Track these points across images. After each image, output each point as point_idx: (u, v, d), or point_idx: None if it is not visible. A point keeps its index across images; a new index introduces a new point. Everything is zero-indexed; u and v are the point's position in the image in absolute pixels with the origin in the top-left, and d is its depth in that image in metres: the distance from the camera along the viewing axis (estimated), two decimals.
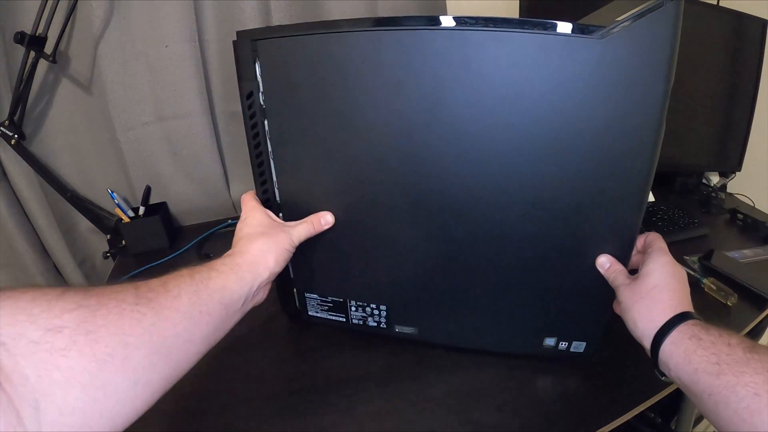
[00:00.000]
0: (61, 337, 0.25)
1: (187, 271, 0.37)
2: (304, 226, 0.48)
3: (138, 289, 0.32)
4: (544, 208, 0.44)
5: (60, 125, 0.82)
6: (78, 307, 0.27)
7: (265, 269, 0.42)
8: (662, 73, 0.36)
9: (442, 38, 0.39)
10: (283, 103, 0.46)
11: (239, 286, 0.39)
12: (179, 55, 0.78)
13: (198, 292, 0.35)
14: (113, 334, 0.28)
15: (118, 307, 0.29)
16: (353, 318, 0.58)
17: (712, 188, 1.04)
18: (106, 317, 0.28)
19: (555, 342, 0.53)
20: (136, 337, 0.29)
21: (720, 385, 0.31)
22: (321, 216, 0.49)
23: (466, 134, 0.42)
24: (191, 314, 0.34)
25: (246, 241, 0.43)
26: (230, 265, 0.40)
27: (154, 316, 0.31)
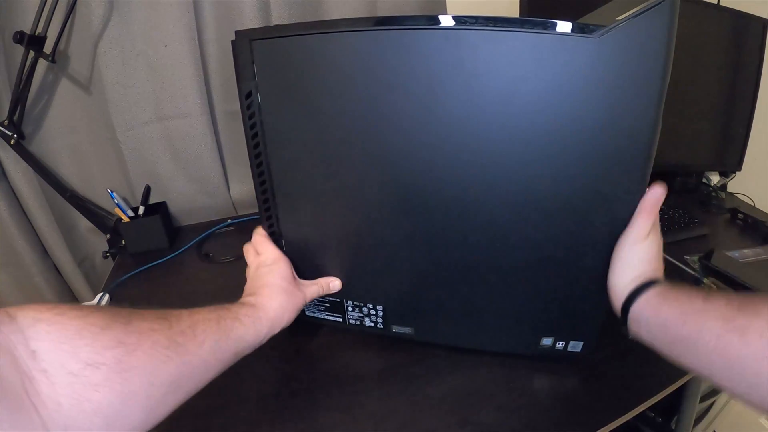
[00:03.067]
0: (98, 374, 0.28)
1: (215, 314, 0.40)
2: (316, 288, 0.53)
3: (171, 329, 0.35)
4: (541, 208, 0.43)
5: (60, 125, 0.82)
6: (118, 345, 0.30)
7: (279, 325, 0.47)
8: (659, 71, 0.36)
9: (441, 38, 0.39)
10: (282, 103, 0.46)
11: (254, 338, 0.43)
12: (179, 55, 0.78)
13: (219, 341, 0.39)
14: (142, 376, 0.31)
15: (152, 349, 0.32)
16: (350, 318, 0.58)
17: (712, 188, 1.04)
18: (140, 359, 0.31)
19: (552, 342, 0.53)
20: (161, 379, 0.33)
21: (685, 332, 0.35)
22: (330, 281, 0.54)
23: (464, 133, 0.42)
24: (208, 360, 0.38)
25: (268, 294, 0.47)
26: (253, 318, 0.43)
27: (179, 360, 0.34)
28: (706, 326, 0.33)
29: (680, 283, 0.38)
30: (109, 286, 0.72)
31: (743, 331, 0.31)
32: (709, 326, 0.33)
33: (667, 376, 0.54)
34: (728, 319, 0.32)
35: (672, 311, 0.36)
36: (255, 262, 0.52)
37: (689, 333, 0.34)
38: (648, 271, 0.41)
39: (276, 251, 0.52)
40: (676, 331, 0.35)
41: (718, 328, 0.32)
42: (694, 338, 0.34)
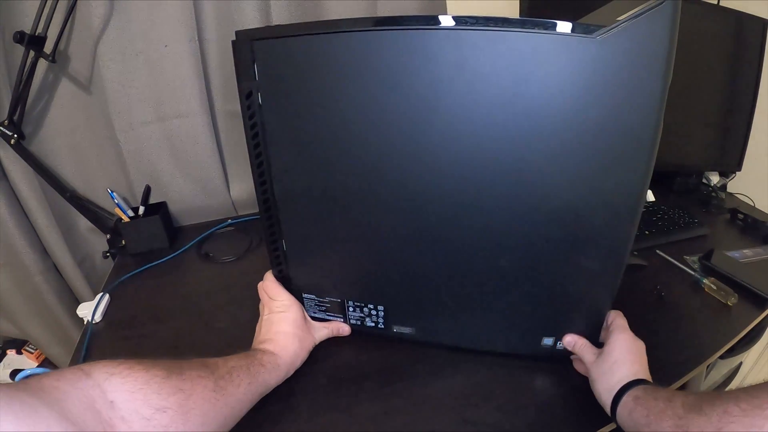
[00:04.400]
0: (166, 417, 0.34)
1: (245, 362, 0.46)
2: (326, 332, 0.58)
3: (214, 375, 0.41)
4: (542, 207, 0.44)
5: (60, 125, 0.82)
6: (178, 392, 0.36)
7: (293, 368, 0.52)
8: (660, 72, 0.36)
9: (441, 38, 0.39)
10: (282, 103, 0.46)
11: (275, 381, 0.50)
12: (179, 55, 0.78)
13: (251, 384, 0.45)
14: (198, 416, 0.37)
15: (204, 393, 0.39)
16: (351, 318, 0.58)
17: (712, 188, 1.04)
18: (196, 402, 0.38)
19: (553, 342, 0.53)
20: (212, 417, 0.39)
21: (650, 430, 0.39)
22: (340, 327, 0.59)
23: (464, 134, 0.42)
24: (243, 399, 0.44)
25: (284, 342, 0.52)
26: (274, 365, 0.49)
27: (223, 401, 0.41)
28: (662, 425, 0.38)
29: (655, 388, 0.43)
30: (109, 286, 0.72)
31: (687, 427, 0.35)
32: (664, 425, 0.38)
33: (666, 376, 0.54)
34: (679, 417, 0.37)
35: (640, 413, 0.41)
36: (268, 307, 0.55)
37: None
38: (623, 376, 0.45)
39: (288, 297, 0.56)
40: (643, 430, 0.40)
41: (671, 426, 0.37)
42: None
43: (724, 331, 0.62)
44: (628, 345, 0.48)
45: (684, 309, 0.66)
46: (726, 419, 0.33)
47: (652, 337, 0.49)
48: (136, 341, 0.61)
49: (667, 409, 0.38)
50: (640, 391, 0.43)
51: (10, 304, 0.90)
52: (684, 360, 0.56)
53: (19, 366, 0.90)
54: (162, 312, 0.67)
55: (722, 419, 0.33)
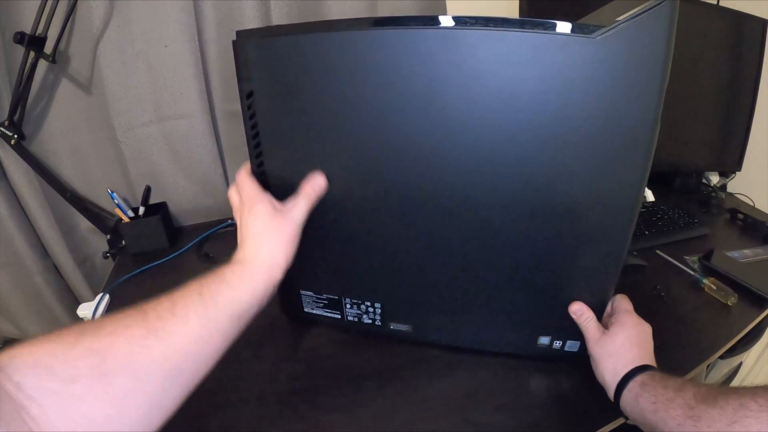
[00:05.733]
0: (79, 387, 0.28)
1: (196, 286, 0.37)
2: (302, 203, 0.45)
3: (146, 317, 0.33)
4: (539, 207, 0.44)
5: (60, 125, 0.82)
6: (90, 354, 0.30)
7: (279, 269, 0.42)
8: (658, 72, 0.36)
9: (440, 38, 0.39)
10: (282, 103, 0.46)
11: (251, 296, 0.39)
12: (179, 55, 0.78)
13: (207, 311, 0.36)
14: (124, 374, 0.30)
15: (128, 344, 0.31)
16: (348, 315, 0.58)
17: (712, 188, 1.04)
18: (116, 358, 0.30)
19: (549, 341, 0.53)
20: (147, 371, 0.31)
21: (656, 419, 0.39)
22: (313, 183, 0.46)
23: (463, 133, 0.42)
24: (200, 335, 0.35)
25: (255, 243, 0.42)
26: (241, 275, 0.39)
27: (162, 345, 0.32)
28: (671, 414, 0.37)
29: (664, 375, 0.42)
30: (110, 287, 0.72)
31: (698, 419, 0.35)
32: (673, 414, 0.37)
33: None
34: (690, 407, 0.36)
35: (647, 400, 0.40)
36: (239, 210, 0.46)
37: (657, 420, 0.39)
38: (628, 360, 0.45)
39: (254, 189, 0.45)
40: (650, 417, 0.40)
41: (680, 416, 0.36)
42: (661, 426, 0.38)
43: (724, 331, 0.62)
44: (636, 328, 0.47)
45: (684, 309, 0.66)
46: (741, 413, 0.32)
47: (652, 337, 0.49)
48: None
49: (676, 398, 0.38)
50: (647, 378, 0.42)
51: (10, 304, 0.90)
52: (684, 360, 0.56)
53: None
54: None
55: (737, 412, 0.32)
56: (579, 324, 0.49)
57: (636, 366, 0.44)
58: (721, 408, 0.34)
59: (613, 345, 0.46)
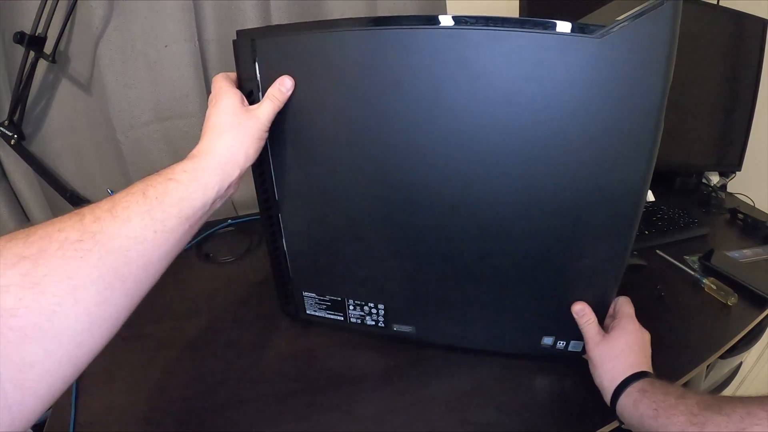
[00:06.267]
0: (9, 297, 0.25)
1: (140, 186, 0.33)
2: (267, 104, 0.43)
3: (83, 220, 0.30)
4: (542, 207, 0.44)
5: (60, 125, 0.81)
6: (20, 260, 0.26)
7: (234, 167, 0.39)
8: (660, 72, 0.36)
9: (441, 37, 0.39)
10: None
11: (202, 194, 0.36)
12: (179, 55, 0.78)
13: (151, 211, 0.32)
14: (58, 282, 0.27)
15: (61, 249, 0.27)
16: (351, 317, 0.58)
17: (712, 188, 1.04)
18: (49, 264, 0.27)
19: (553, 341, 0.53)
20: (84, 277, 0.28)
21: (657, 425, 0.39)
22: (280, 84, 0.43)
23: (465, 133, 0.42)
24: (144, 237, 0.31)
25: (213, 136, 0.40)
26: (193, 172, 0.36)
27: (100, 249, 0.29)
28: (673, 420, 0.37)
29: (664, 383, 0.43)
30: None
31: (703, 425, 0.35)
32: (675, 420, 0.37)
33: (667, 375, 0.53)
34: (693, 414, 0.36)
35: (648, 406, 0.40)
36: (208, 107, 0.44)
37: (658, 426, 0.39)
38: (627, 366, 0.45)
39: (225, 85, 0.43)
40: (650, 423, 0.40)
41: (683, 422, 0.36)
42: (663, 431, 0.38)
43: (724, 331, 0.62)
44: (636, 335, 0.47)
45: (684, 309, 0.66)
46: (749, 421, 0.32)
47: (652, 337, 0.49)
48: (136, 341, 0.61)
49: (679, 405, 0.38)
50: (647, 384, 0.43)
51: None
52: (684, 360, 0.56)
53: None
54: (162, 312, 0.67)
55: (745, 420, 0.32)
56: (579, 325, 0.49)
57: (635, 372, 0.44)
58: (727, 415, 0.34)
59: (614, 350, 0.47)
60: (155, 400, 0.52)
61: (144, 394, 0.53)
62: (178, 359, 0.58)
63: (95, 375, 0.55)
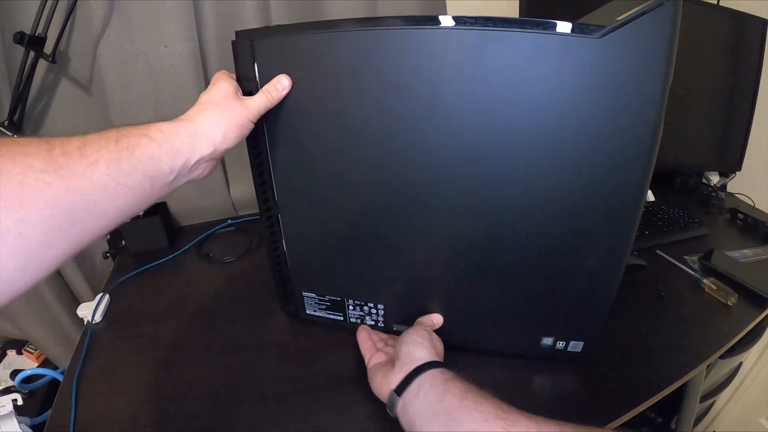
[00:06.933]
0: None
1: (114, 133, 0.32)
2: (261, 96, 0.43)
3: (51, 150, 0.28)
4: (542, 208, 0.44)
5: (60, 125, 0.81)
6: None
7: (208, 143, 0.38)
8: (661, 72, 0.36)
9: (441, 38, 0.39)
10: (282, 103, 0.46)
11: (171, 157, 0.35)
12: (179, 55, 0.78)
13: (119, 160, 0.31)
14: (9, 208, 0.25)
15: (22, 174, 0.26)
16: (351, 317, 0.58)
17: (712, 188, 1.04)
18: (6, 186, 0.25)
19: (552, 342, 0.53)
20: (36, 211, 0.26)
21: (461, 405, 0.38)
22: (276, 81, 0.44)
23: (464, 134, 0.42)
24: (106, 185, 0.30)
25: (198, 110, 0.39)
26: (167, 133, 0.35)
27: (61, 186, 0.27)
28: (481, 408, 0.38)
29: None
30: (110, 287, 0.72)
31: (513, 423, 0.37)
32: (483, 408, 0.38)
33: (667, 375, 0.54)
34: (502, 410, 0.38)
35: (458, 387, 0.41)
36: None
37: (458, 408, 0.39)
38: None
39: (221, 75, 0.44)
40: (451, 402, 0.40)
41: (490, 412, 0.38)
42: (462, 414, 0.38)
43: (724, 331, 0.62)
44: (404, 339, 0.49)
45: (684, 309, 0.66)
46: None
47: (652, 337, 0.49)
48: (136, 341, 0.61)
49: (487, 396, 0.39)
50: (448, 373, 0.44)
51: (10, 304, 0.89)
52: (684, 360, 0.56)
53: (20, 366, 0.90)
54: (162, 312, 0.67)
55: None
56: None
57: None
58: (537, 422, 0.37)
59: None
60: (155, 400, 0.52)
61: (144, 394, 0.53)
62: (178, 359, 0.58)
63: (95, 375, 0.55)
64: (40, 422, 0.57)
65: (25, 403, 0.68)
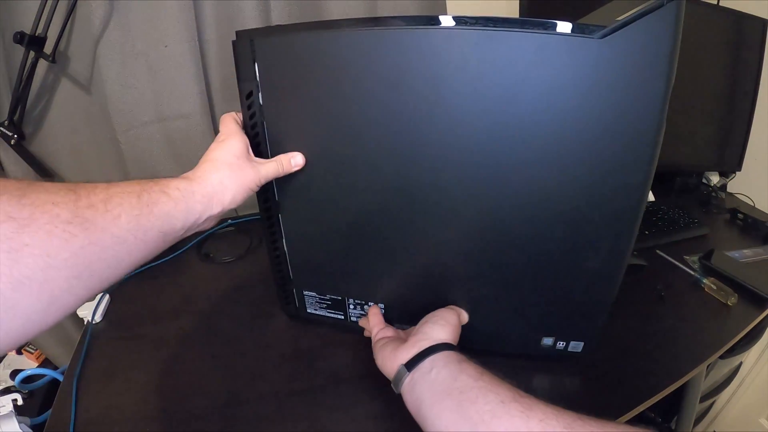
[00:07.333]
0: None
1: (136, 187, 0.34)
2: (273, 165, 0.45)
3: (78, 201, 0.29)
4: (543, 208, 0.44)
5: (60, 125, 0.81)
6: (7, 220, 0.25)
7: (218, 204, 0.40)
8: (663, 73, 0.36)
9: (441, 38, 0.39)
10: (282, 103, 0.46)
11: (185, 215, 0.37)
12: (179, 55, 0.78)
13: (140, 216, 0.33)
14: (36, 256, 0.26)
15: (50, 224, 0.27)
16: (351, 315, 0.58)
17: (712, 188, 1.04)
18: (34, 235, 0.26)
19: (553, 342, 0.53)
20: (61, 260, 0.27)
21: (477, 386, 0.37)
22: (291, 156, 0.47)
23: (465, 134, 0.42)
24: (126, 239, 0.32)
25: (210, 168, 0.41)
26: (184, 192, 0.37)
27: (85, 238, 0.29)
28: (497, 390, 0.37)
29: None
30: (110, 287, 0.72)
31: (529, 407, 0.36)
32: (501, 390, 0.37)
33: (667, 375, 0.54)
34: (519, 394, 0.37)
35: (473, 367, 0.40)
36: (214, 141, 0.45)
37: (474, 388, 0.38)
38: None
39: (233, 127, 0.45)
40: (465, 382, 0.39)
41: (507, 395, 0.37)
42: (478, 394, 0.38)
43: (724, 331, 0.62)
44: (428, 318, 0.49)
45: (684, 309, 0.66)
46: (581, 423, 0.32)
47: (652, 337, 0.49)
48: (136, 341, 0.61)
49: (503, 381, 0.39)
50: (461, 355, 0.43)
51: None
52: (684, 360, 0.56)
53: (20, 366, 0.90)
54: (162, 312, 0.67)
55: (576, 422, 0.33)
56: None
57: None
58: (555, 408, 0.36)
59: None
60: (155, 400, 0.52)
61: (144, 394, 0.53)
62: (178, 359, 0.58)
63: (95, 375, 0.55)
64: (40, 422, 0.57)
65: (25, 403, 0.68)
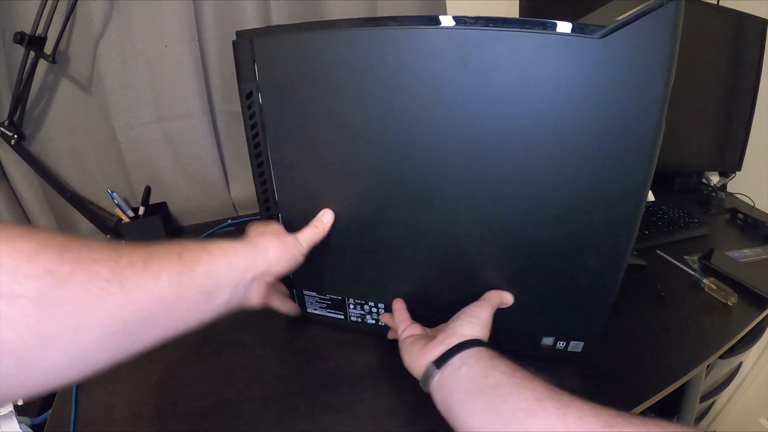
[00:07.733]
0: (15, 307, 0.24)
1: (176, 247, 0.34)
2: (309, 230, 0.47)
3: (118, 259, 0.29)
4: (543, 208, 0.43)
5: (60, 125, 0.82)
6: (45, 275, 0.25)
7: (263, 261, 0.40)
8: (662, 73, 0.36)
9: (441, 38, 0.39)
10: (282, 103, 0.46)
11: (228, 272, 0.36)
12: (179, 55, 0.78)
13: (181, 274, 0.32)
14: (68, 313, 0.25)
15: (89, 282, 0.27)
16: (351, 315, 0.58)
17: (712, 188, 1.04)
18: (69, 292, 0.26)
19: (553, 341, 0.53)
20: (94, 319, 0.27)
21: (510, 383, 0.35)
22: (321, 216, 0.49)
23: (465, 134, 0.42)
24: (165, 298, 0.31)
25: (256, 234, 0.42)
26: (225, 249, 0.37)
27: (122, 297, 0.28)
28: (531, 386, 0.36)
29: None
30: None
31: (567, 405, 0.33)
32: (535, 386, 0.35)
33: (667, 375, 0.54)
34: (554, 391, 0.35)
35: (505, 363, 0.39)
36: None
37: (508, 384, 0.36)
38: None
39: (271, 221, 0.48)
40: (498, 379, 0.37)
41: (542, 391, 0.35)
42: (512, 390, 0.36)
43: (724, 331, 0.62)
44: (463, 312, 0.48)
45: (684, 309, 0.66)
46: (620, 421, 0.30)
47: (652, 337, 0.49)
48: None
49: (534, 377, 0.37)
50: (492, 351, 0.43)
51: None
52: (684, 360, 0.56)
53: None
54: None
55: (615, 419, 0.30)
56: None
57: None
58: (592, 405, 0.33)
59: None
60: (155, 400, 0.52)
61: (144, 394, 0.53)
62: (179, 359, 0.58)
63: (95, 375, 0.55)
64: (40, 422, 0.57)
65: (25, 403, 0.68)
